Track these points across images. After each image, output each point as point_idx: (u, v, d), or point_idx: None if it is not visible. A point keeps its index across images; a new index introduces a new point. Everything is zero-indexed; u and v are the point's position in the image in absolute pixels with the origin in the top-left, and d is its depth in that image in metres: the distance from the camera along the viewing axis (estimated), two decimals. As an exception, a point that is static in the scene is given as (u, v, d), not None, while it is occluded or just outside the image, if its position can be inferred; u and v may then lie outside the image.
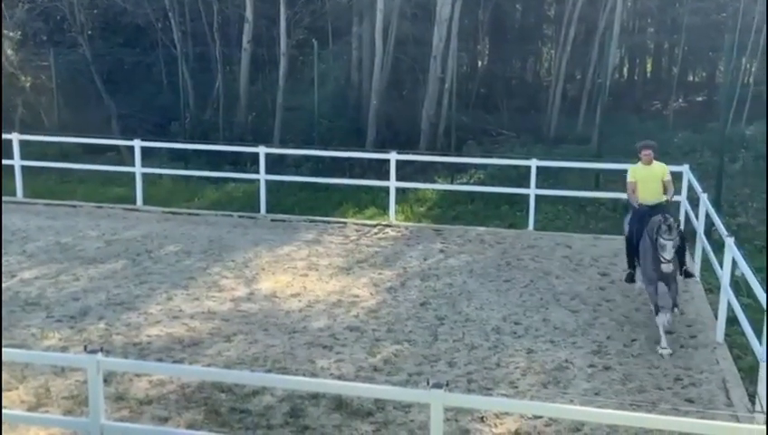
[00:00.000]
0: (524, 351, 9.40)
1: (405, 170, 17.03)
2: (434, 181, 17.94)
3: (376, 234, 14.69)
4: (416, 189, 17.05)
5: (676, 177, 14.69)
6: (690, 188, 13.74)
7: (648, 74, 33.45)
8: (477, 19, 26.71)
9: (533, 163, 14.91)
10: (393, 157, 15.50)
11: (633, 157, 11.04)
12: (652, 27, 30.89)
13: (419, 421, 7.65)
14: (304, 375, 8.56)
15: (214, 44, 21.97)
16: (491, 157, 17.89)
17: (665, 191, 10.37)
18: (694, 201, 13.16)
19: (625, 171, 16.33)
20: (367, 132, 20.26)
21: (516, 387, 8.45)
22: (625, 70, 33.36)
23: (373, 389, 6.27)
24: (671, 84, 28.16)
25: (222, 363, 8.86)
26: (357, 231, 14.82)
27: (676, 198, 14.63)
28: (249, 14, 20.35)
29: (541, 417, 7.62)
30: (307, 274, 12.23)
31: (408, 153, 17.04)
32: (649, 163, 10.34)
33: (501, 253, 13.47)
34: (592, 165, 16.56)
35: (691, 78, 33.91)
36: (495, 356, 9.23)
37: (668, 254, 9.15)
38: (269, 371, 8.71)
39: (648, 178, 10.33)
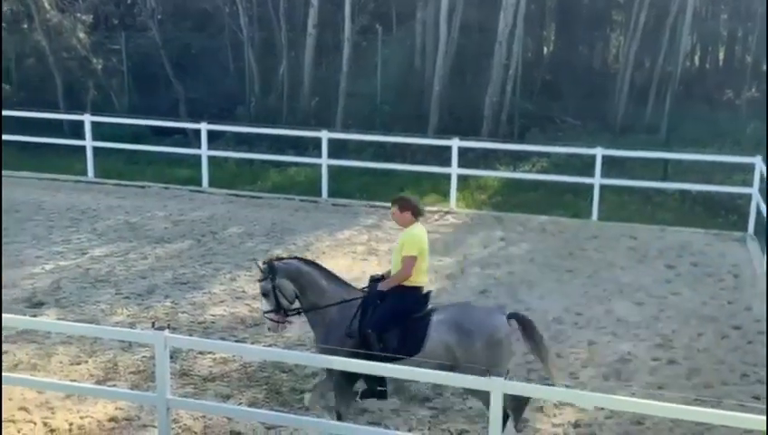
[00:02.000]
0: (586, 342, 9.27)
1: (466, 157, 16.91)
2: (495, 169, 17.78)
3: (436, 220, 14.65)
4: (477, 176, 16.92)
5: (748, 168, 14.30)
6: (762, 179, 13.31)
7: (721, 62, 32.39)
8: (544, 4, 26.26)
9: (599, 152, 14.64)
10: (455, 143, 15.42)
11: (704, 147, 10.73)
12: (725, 14, 29.88)
13: (477, 409, 7.62)
14: (363, 359, 8.60)
15: (279, 29, 22.14)
16: (555, 145, 17.61)
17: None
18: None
19: (696, 163, 15.84)
20: (429, 118, 20.18)
21: (577, 378, 8.34)
22: (696, 58, 32.37)
23: (433, 374, 6.27)
24: (744, 73, 27.21)
25: (283, 344, 8.98)
26: (417, 217, 14.80)
27: (745, 190, 14.25)
28: (315, -2, 20.46)
29: (602, 409, 7.51)
30: (367, 258, 12.29)
31: (470, 140, 16.91)
32: (402, 225, 7.07)
33: (563, 242, 13.28)
34: (661, 155, 16.18)
35: (765, 67, 32.66)
36: (556, 346, 9.11)
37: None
38: (329, 353, 8.79)
39: (398, 249, 7.06)
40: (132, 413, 7.51)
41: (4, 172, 17.32)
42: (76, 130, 18.46)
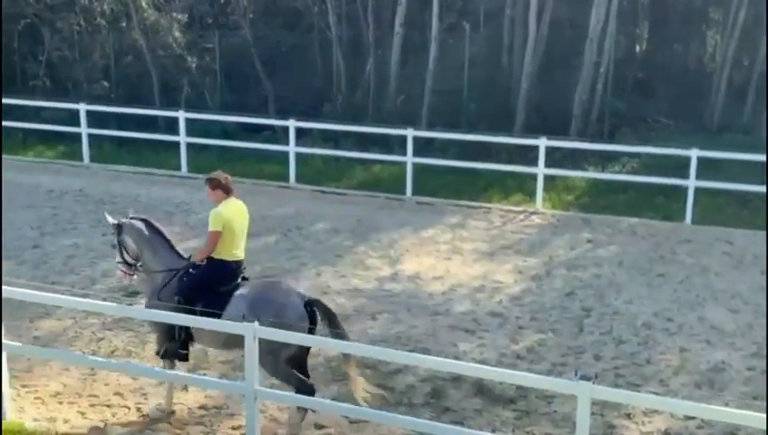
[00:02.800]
0: (677, 349, 9.00)
1: (553, 156, 16.63)
2: (584, 169, 17.40)
3: (521, 220, 14.49)
4: (564, 177, 16.61)
5: None
6: None
7: (827, 60, 30.74)
8: (637, 0, 25.54)
9: (694, 153, 14.18)
10: (543, 143, 15.19)
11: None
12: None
13: (562, 413, 7.52)
14: (446, 358, 8.59)
15: (367, 28, 22.30)
16: (647, 145, 17.10)
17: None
18: None
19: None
20: (516, 116, 19.93)
21: (667, 386, 8.11)
22: (799, 56, 30.83)
23: (520, 376, 6.20)
24: None
25: (366, 340, 9.05)
26: (502, 217, 14.68)
27: None
28: (403, -4, 20.52)
29: (693, 418, 7.28)
30: (451, 257, 12.26)
31: (557, 139, 16.60)
32: (216, 202, 7.40)
33: (654, 246, 12.91)
34: (760, 157, 15.47)
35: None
36: (645, 352, 8.90)
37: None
38: (412, 350, 8.82)
39: None
40: (221, 402, 7.72)
41: (102, 165, 18.12)
42: (171, 126, 19.06)
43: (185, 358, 7.33)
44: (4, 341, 7.46)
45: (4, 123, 19.07)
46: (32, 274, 10.93)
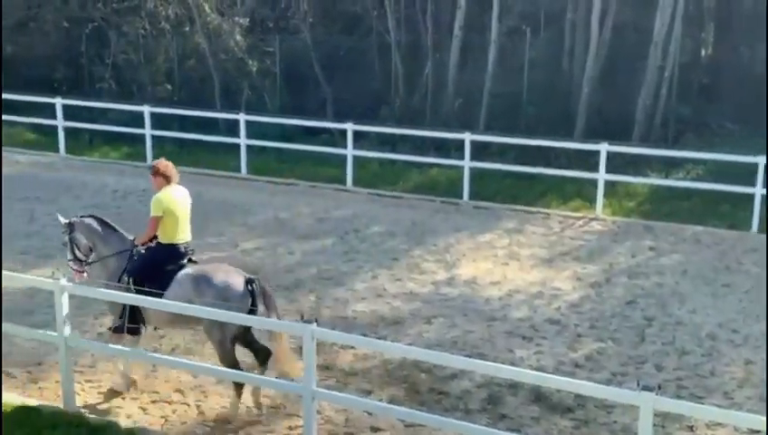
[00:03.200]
0: (742, 361, 8.75)
1: (614, 162, 16.33)
2: (646, 175, 17.03)
3: (581, 226, 14.27)
4: (625, 183, 16.28)
5: None
6: None
7: None
8: (703, 4, 24.94)
9: (761, 160, 13.75)
10: (604, 148, 14.94)
11: None
12: None
13: (622, 423, 7.38)
14: (503, 364, 8.51)
15: (425, 31, 22.28)
16: (712, 151, 16.64)
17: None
18: None
19: None
20: (576, 121, 19.65)
21: (731, 398, 7.89)
22: None
23: (580, 384, 6.10)
24: None
25: (422, 344, 9.04)
26: (560, 223, 14.49)
27: None
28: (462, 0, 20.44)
29: (758, 432, 7.04)
30: (508, 262, 12.15)
31: (619, 144, 16.28)
32: (157, 188, 7.72)
33: (719, 255, 12.57)
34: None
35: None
36: (709, 364, 8.67)
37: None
38: (468, 356, 8.76)
39: None
40: (278, 401, 7.79)
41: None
42: (231, 128, 19.35)
43: (137, 332, 7.74)
44: (70, 336, 7.69)
45: (71, 125, 19.77)
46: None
